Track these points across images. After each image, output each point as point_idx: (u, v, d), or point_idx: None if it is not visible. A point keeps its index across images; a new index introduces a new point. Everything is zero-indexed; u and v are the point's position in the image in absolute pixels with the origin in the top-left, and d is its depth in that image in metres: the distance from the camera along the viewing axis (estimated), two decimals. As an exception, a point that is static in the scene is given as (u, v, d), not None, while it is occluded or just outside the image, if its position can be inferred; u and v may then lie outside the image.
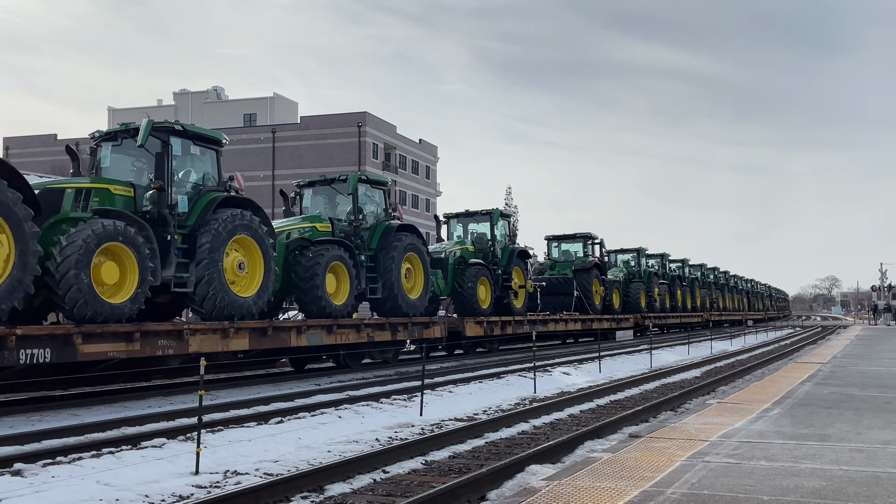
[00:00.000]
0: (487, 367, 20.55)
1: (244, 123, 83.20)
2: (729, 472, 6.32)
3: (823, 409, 10.17)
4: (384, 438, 10.48)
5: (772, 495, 5.54)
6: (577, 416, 12.94)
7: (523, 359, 22.50)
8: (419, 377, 14.09)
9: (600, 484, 5.95)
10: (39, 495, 7.08)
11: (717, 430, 8.40)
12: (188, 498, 7.36)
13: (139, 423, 10.74)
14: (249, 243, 15.24)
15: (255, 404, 12.75)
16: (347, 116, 74.96)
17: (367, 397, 13.61)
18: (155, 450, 9.05)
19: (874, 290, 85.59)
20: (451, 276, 24.52)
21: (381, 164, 76.80)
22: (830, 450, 7.28)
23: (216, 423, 10.64)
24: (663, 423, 9.35)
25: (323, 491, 7.56)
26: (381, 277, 19.44)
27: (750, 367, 21.68)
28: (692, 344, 31.41)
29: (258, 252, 15.37)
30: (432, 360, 22.52)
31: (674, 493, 5.58)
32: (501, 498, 7.14)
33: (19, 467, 7.97)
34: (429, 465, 8.87)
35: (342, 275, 18.06)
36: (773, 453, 7.11)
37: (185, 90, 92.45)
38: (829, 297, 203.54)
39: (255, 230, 15.23)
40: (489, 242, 27.00)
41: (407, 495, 7.23)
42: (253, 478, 8.07)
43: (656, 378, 19.19)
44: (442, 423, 11.94)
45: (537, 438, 10.59)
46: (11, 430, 10.23)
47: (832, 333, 46.10)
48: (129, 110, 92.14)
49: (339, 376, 18.38)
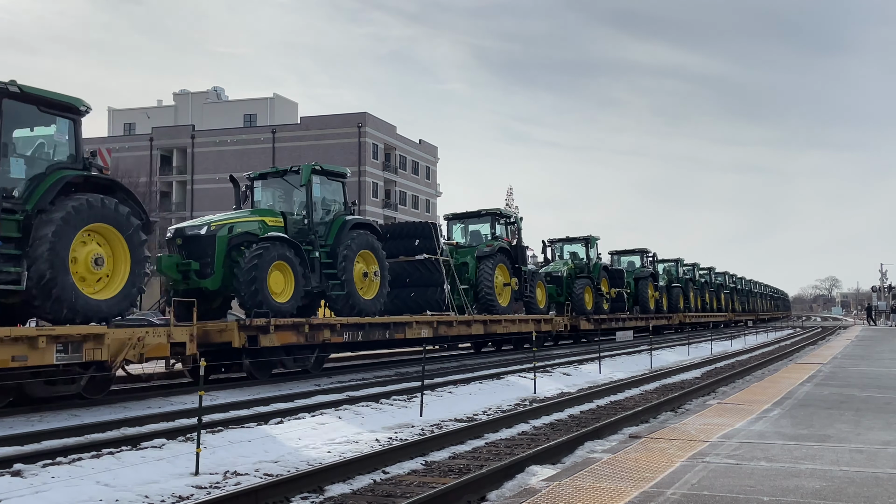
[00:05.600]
0: (487, 367, 20.55)
1: (244, 124, 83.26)
2: (729, 472, 6.31)
3: (823, 409, 10.16)
4: (384, 439, 10.48)
5: (772, 496, 5.53)
6: (577, 416, 12.93)
7: (523, 359, 22.50)
8: (419, 378, 14.09)
9: (600, 484, 5.95)
10: (39, 496, 7.08)
11: (718, 431, 8.39)
12: (188, 498, 7.36)
13: (139, 424, 10.74)
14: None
15: (254, 405, 12.75)
16: (347, 117, 75.04)
17: (366, 398, 13.61)
18: (155, 450, 9.04)
19: (874, 290, 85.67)
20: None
21: (381, 164, 76.87)
22: (830, 450, 7.28)
23: (216, 424, 10.64)
24: (663, 424, 9.35)
25: (323, 491, 7.56)
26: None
27: (750, 368, 21.67)
28: (692, 344, 31.41)
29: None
30: (432, 360, 22.52)
31: (674, 494, 5.58)
32: (501, 498, 7.13)
33: (19, 468, 7.96)
34: (429, 465, 8.86)
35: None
36: (773, 454, 7.11)
37: (185, 90, 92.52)
38: (829, 298, 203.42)
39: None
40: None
41: (407, 496, 7.23)
42: (253, 478, 8.07)
43: (656, 379, 19.18)
44: (442, 423, 11.94)
45: (537, 439, 10.59)
46: (11, 430, 10.24)
47: (832, 334, 46.10)
48: (129, 111, 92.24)
49: (339, 377, 18.39)
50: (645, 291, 42.57)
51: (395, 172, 78.91)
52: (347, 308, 18.70)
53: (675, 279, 49.53)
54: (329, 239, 18.71)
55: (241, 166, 75.83)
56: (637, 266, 44.89)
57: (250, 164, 75.55)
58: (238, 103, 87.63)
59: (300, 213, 18.61)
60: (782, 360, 25.01)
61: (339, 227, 18.84)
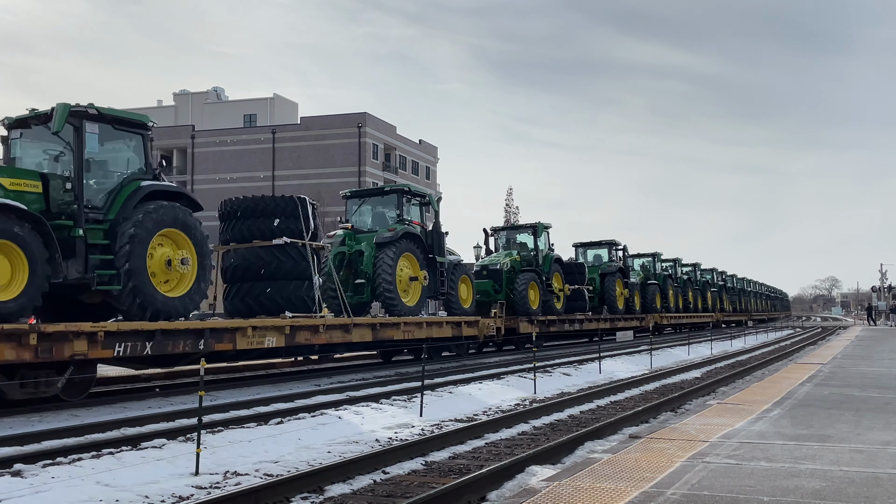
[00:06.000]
0: (487, 367, 20.55)
1: (244, 124, 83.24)
2: (729, 472, 6.31)
3: (823, 409, 10.17)
4: (384, 439, 10.48)
5: (772, 496, 5.54)
6: (577, 416, 12.94)
7: (523, 359, 22.51)
8: (419, 378, 14.09)
9: (600, 484, 5.95)
10: (39, 496, 7.08)
11: (718, 431, 8.40)
12: (188, 499, 7.36)
13: (139, 424, 10.74)
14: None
15: (255, 405, 12.75)
16: (347, 117, 75.00)
17: (366, 398, 13.61)
18: (155, 450, 9.04)
19: (874, 290, 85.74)
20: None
21: (381, 164, 76.87)
22: (830, 450, 7.28)
23: (216, 424, 10.64)
24: (663, 424, 9.35)
25: (323, 492, 7.56)
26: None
27: (750, 368, 21.68)
28: (692, 345, 31.42)
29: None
30: (432, 360, 22.52)
31: (674, 494, 5.58)
32: (501, 498, 7.14)
33: (19, 468, 7.96)
34: (429, 465, 8.87)
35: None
36: (773, 454, 7.11)
37: (185, 91, 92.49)
38: (829, 298, 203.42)
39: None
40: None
41: (407, 496, 7.23)
42: (253, 478, 8.07)
43: (656, 379, 19.19)
44: (442, 423, 11.94)
45: (537, 439, 10.60)
46: (11, 430, 10.24)
47: (832, 334, 46.11)
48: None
49: (339, 377, 18.38)
50: (612, 289, 37.55)
51: (395, 173, 78.85)
52: (136, 309, 13.50)
53: (652, 275, 45.18)
54: (110, 213, 13.66)
55: (241, 166, 76.09)
56: (604, 260, 40.13)
57: (250, 165, 75.76)
58: (238, 103, 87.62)
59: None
60: (782, 360, 25.02)
61: (126, 197, 13.79)
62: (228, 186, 76.03)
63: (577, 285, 33.35)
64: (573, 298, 33.19)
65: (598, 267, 38.85)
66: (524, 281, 28.72)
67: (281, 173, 74.62)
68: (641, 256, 46.86)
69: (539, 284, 29.65)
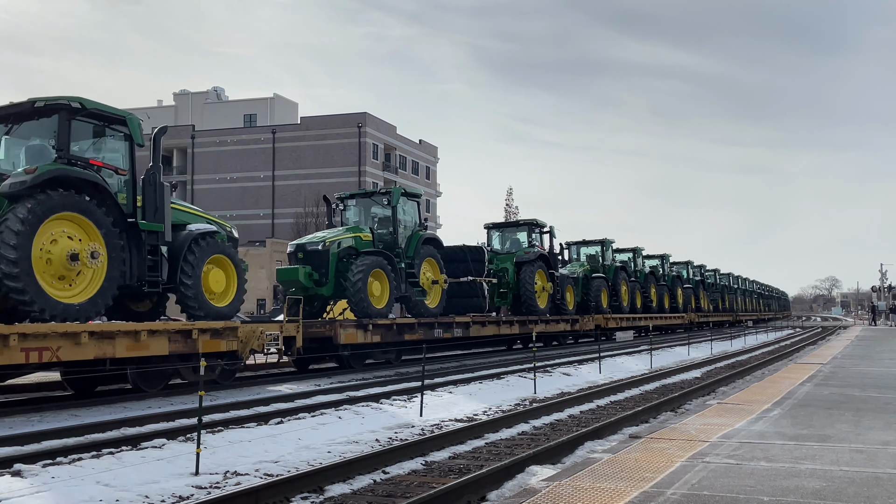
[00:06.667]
0: (488, 367, 20.56)
1: (244, 124, 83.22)
2: (729, 472, 6.31)
3: (823, 409, 10.17)
4: (384, 439, 10.48)
5: (772, 496, 5.54)
6: (577, 416, 12.94)
7: (524, 359, 22.52)
8: (419, 378, 14.09)
9: (600, 484, 5.95)
10: (39, 496, 7.08)
11: (718, 431, 8.39)
12: (188, 498, 7.36)
13: (139, 424, 10.74)
14: None
15: (254, 405, 12.75)
16: (347, 117, 74.98)
17: (367, 398, 13.61)
18: (155, 450, 9.05)
19: (874, 290, 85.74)
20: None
21: (382, 164, 76.85)
22: (830, 450, 7.28)
23: (216, 424, 10.64)
24: (663, 424, 9.35)
25: (323, 492, 7.56)
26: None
27: (750, 368, 21.68)
28: (692, 345, 31.44)
29: None
30: (433, 360, 22.51)
31: (674, 494, 5.58)
32: (502, 498, 7.14)
33: (19, 468, 7.96)
34: (429, 465, 8.86)
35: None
36: (773, 454, 7.11)
37: (185, 91, 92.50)
38: (829, 298, 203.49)
39: None
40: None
41: (407, 496, 7.23)
42: (253, 478, 8.07)
43: (656, 378, 19.19)
44: (442, 423, 11.94)
45: (537, 439, 10.59)
46: (11, 430, 10.24)
47: (832, 334, 46.11)
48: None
49: (339, 377, 18.39)
50: (530, 282, 30.34)
51: (395, 172, 78.83)
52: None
53: (600, 268, 38.75)
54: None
55: (242, 166, 76.05)
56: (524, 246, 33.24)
57: (250, 165, 75.72)
58: (238, 103, 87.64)
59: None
60: (782, 360, 25.03)
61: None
62: (228, 186, 76.08)
63: (468, 277, 26.01)
64: (461, 294, 25.83)
65: (514, 255, 30.60)
66: (361, 269, 20.00)
67: (281, 173, 74.63)
68: (588, 244, 39.73)
69: (389, 273, 20.99)
